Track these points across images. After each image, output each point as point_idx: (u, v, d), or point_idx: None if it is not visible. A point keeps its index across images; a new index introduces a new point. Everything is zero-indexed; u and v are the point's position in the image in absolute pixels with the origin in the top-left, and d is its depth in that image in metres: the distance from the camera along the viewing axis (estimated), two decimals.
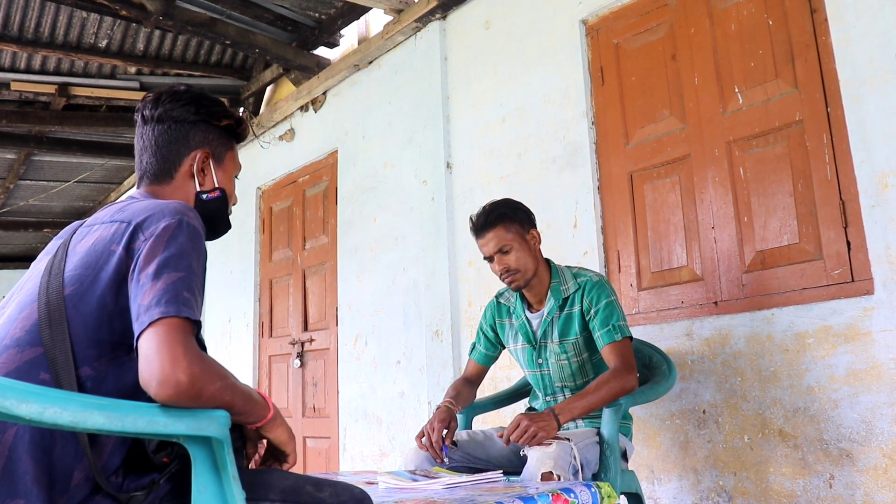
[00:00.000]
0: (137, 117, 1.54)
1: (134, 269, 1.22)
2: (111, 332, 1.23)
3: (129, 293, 1.21)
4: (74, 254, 1.29)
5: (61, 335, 1.20)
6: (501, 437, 2.25)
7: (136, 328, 1.16)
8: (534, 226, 2.59)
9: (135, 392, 1.20)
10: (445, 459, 2.37)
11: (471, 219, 2.58)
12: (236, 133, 1.60)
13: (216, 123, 1.55)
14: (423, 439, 2.37)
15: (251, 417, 1.29)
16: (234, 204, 1.62)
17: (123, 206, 1.36)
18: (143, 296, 1.18)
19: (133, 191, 1.52)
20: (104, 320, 1.22)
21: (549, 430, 2.20)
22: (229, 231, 1.63)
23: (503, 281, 2.54)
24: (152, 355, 1.13)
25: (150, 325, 1.14)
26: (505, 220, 2.51)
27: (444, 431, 2.39)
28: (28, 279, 1.34)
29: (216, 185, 1.54)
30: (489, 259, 2.53)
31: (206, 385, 1.14)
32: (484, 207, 2.57)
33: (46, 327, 1.21)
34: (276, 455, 1.41)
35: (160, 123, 1.51)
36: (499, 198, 2.66)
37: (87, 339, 1.21)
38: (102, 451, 1.21)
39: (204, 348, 1.27)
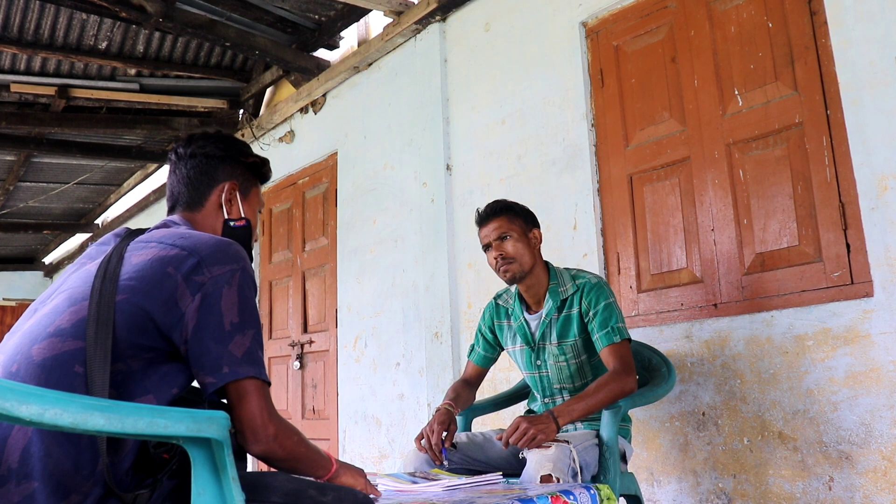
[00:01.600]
0: (172, 156, 1.67)
1: (206, 307, 1.31)
2: (150, 339, 1.30)
3: (193, 323, 1.31)
4: (129, 264, 1.37)
5: (105, 335, 1.27)
6: (500, 439, 2.25)
7: (228, 374, 1.29)
8: (537, 226, 2.62)
9: (157, 390, 1.30)
10: (445, 462, 2.37)
11: (477, 211, 2.63)
12: (261, 172, 1.73)
13: (243, 160, 1.68)
14: (423, 441, 2.37)
15: (318, 471, 1.46)
16: (256, 240, 1.73)
17: (182, 234, 1.44)
18: (233, 345, 1.31)
19: (172, 216, 1.63)
20: (147, 329, 1.30)
21: (548, 432, 2.19)
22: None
23: (498, 272, 2.54)
24: (253, 410, 1.30)
25: (244, 379, 1.30)
26: (510, 213, 2.56)
27: (444, 434, 2.39)
28: (76, 277, 1.41)
29: (242, 215, 1.66)
30: (487, 248, 2.56)
31: (286, 439, 1.34)
32: (492, 203, 2.63)
33: (94, 325, 1.28)
34: None
35: (192, 159, 1.63)
36: (499, 197, 2.70)
37: (127, 341, 1.28)
38: (120, 454, 1.25)
39: None
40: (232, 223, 1.65)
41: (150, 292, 1.31)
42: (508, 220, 2.54)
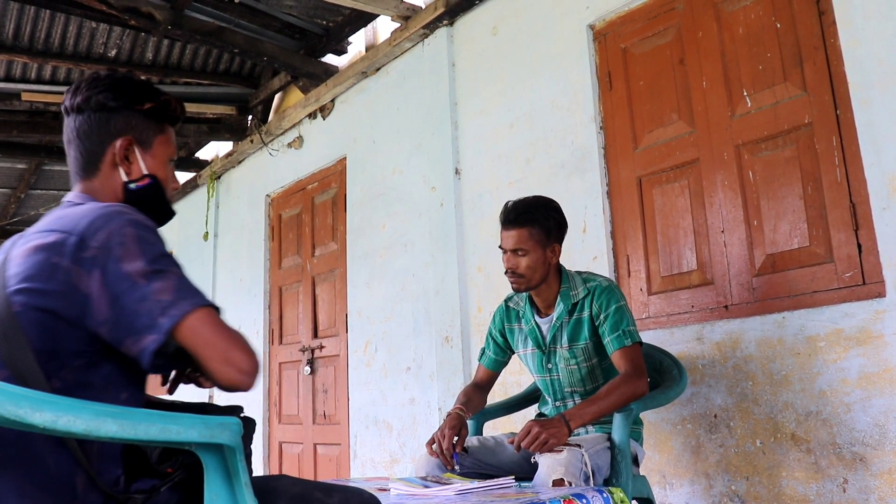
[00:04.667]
0: (62, 112, 1.46)
1: (109, 276, 1.19)
2: (70, 341, 1.20)
3: (105, 298, 1.19)
4: (14, 265, 1.24)
5: (21, 351, 1.17)
6: (512, 443, 2.25)
7: (166, 321, 1.17)
8: (559, 241, 2.55)
9: (105, 395, 1.22)
10: (456, 466, 2.36)
11: (506, 204, 2.55)
12: (165, 115, 1.49)
13: (138, 108, 1.44)
14: (434, 446, 2.37)
15: None
16: (175, 189, 1.54)
17: (60, 215, 1.30)
18: (156, 292, 1.19)
19: (69, 194, 1.45)
20: (59, 332, 1.19)
21: (560, 436, 2.20)
22: (174, 217, 1.56)
23: (506, 276, 2.53)
24: (213, 341, 1.20)
25: (187, 316, 1.19)
26: (534, 225, 2.48)
27: (455, 438, 2.39)
28: None
29: (145, 173, 1.45)
30: (503, 251, 2.53)
31: (251, 354, 1.25)
32: (525, 200, 2.54)
33: (4, 345, 1.18)
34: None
35: (79, 114, 1.42)
36: (518, 199, 2.61)
37: (46, 351, 1.19)
38: (91, 458, 1.21)
39: None
40: (133, 185, 1.44)
41: (44, 289, 1.19)
42: (529, 234, 2.47)
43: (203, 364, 1.21)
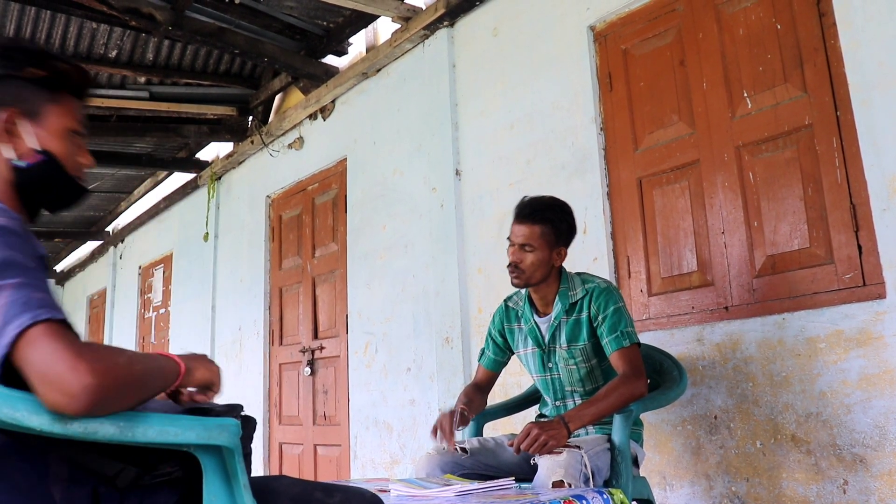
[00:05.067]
0: None
1: None
2: None
3: None
4: None
5: None
6: (512, 445, 2.25)
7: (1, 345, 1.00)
8: (567, 245, 2.58)
9: None
10: (458, 449, 2.38)
11: (523, 199, 2.57)
12: (61, 83, 1.32)
13: (23, 76, 1.28)
14: (439, 433, 2.39)
15: (168, 380, 1.20)
16: (86, 165, 1.37)
17: None
18: None
19: None
20: None
21: (559, 438, 2.20)
22: (85, 198, 1.41)
23: (508, 269, 2.54)
24: (48, 358, 0.99)
25: (22, 334, 1.00)
26: (547, 224, 2.50)
27: (456, 417, 2.41)
28: None
29: (36, 149, 1.28)
30: (511, 243, 2.54)
31: (110, 366, 1.03)
32: (542, 199, 2.57)
33: None
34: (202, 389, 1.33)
35: None
36: (508, 205, 2.67)
37: None
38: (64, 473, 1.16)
39: None
40: (24, 164, 1.27)
41: None
42: (542, 232, 2.49)
43: (36, 387, 1.01)
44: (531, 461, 2.24)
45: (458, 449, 2.43)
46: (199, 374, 1.28)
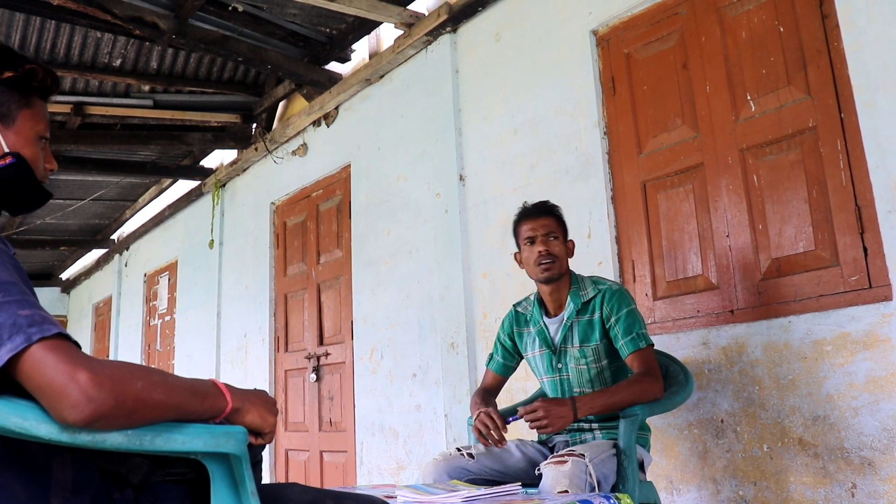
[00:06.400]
0: None
1: None
2: None
3: None
4: None
5: None
6: (518, 446, 2.27)
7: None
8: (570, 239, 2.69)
9: None
10: (465, 454, 2.46)
11: (525, 204, 2.68)
12: (32, 86, 1.29)
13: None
14: (481, 426, 2.41)
15: (205, 414, 1.14)
16: (50, 170, 1.35)
17: None
18: None
19: None
20: None
21: (563, 424, 2.27)
22: (49, 201, 1.38)
23: (537, 267, 2.55)
24: (51, 372, 0.98)
25: (23, 352, 0.99)
26: (559, 218, 2.63)
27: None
28: None
29: (6, 150, 1.25)
30: (531, 241, 2.57)
31: (123, 388, 1.01)
32: (540, 201, 2.69)
33: None
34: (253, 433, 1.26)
35: None
36: (512, 210, 2.73)
37: None
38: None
39: None
40: None
41: None
42: (556, 222, 2.60)
43: (42, 401, 1.01)
44: (536, 471, 2.24)
45: (465, 454, 2.44)
46: (248, 417, 1.21)
